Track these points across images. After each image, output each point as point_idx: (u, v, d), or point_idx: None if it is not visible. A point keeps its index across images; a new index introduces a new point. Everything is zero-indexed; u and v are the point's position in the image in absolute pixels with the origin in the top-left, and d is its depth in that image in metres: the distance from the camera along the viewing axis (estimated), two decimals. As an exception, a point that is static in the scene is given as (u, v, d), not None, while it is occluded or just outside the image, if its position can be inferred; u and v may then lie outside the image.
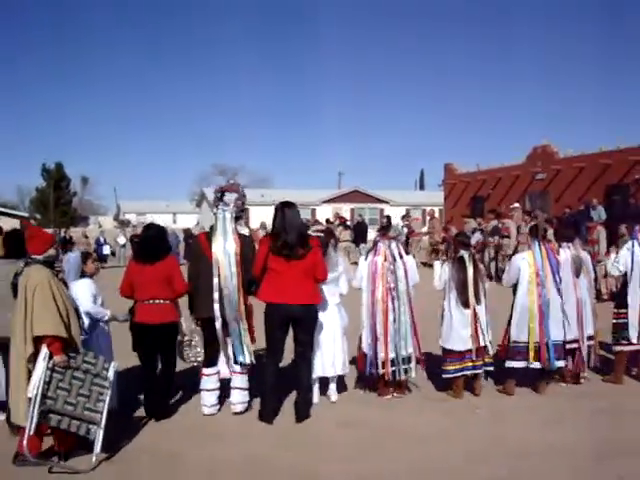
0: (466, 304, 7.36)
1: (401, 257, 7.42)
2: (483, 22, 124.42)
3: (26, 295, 5.42)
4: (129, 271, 6.86)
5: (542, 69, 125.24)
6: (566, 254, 8.00)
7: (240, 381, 6.83)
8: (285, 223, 6.58)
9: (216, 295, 6.50)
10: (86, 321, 6.39)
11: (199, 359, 7.06)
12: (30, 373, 5.41)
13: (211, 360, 6.86)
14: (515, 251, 18.80)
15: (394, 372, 7.32)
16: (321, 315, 7.00)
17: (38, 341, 5.40)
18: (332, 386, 7.37)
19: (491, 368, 7.58)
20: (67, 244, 27.00)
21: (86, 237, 29.21)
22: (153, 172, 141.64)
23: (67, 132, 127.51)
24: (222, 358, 6.86)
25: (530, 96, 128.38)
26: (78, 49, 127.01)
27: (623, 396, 7.56)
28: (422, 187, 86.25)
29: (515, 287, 7.77)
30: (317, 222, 24.97)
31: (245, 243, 6.77)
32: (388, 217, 27.09)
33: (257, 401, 6.98)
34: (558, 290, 7.65)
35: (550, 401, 7.43)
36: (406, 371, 7.36)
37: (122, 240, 30.15)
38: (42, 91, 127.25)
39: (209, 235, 6.74)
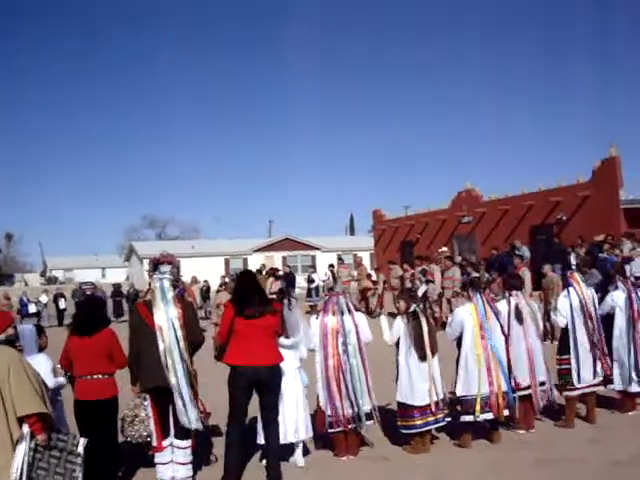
0: (424, 358, 7.41)
1: (350, 312, 7.48)
2: (401, 71, 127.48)
3: None
4: (67, 345, 6.71)
5: (462, 115, 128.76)
6: (514, 303, 8.17)
7: (184, 456, 6.67)
8: (247, 288, 6.88)
9: (163, 360, 6.40)
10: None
11: (144, 434, 6.89)
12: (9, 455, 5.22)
13: (163, 431, 6.67)
14: (441, 295, 19.25)
15: (354, 429, 7.33)
16: (283, 380, 7.00)
17: (20, 422, 5.23)
18: (298, 451, 7.28)
19: (444, 423, 7.59)
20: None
21: (8, 299, 28.37)
22: (80, 226, 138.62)
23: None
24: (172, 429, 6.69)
25: (452, 142, 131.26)
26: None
27: (566, 444, 7.60)
28: (352, 232, 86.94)
29: (459, 340, 7.83)
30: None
31: (187, 307, 6.77)
32: (331, 266, 26.83)
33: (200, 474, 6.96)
34: (505, 340, 7.82)
35: (495, 453, 7.44)
36: (363, 426, 7.36)
37: (44, 299, 29.42)
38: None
39: (148, 304, 6.67)
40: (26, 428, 5.23)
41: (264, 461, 7.18)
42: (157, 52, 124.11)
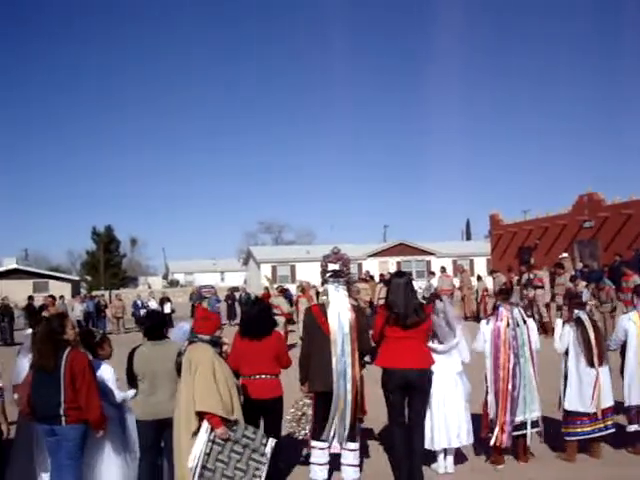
0: (592, 365, 7.32)
1: (525, 322, 7.43)
2: (518, 71, 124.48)
3: (191, 373, 5.72)
4: (235, 347, 6.93)
5: (583, 115, 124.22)
6: None
7: (352, 458, 6.73)
8: (397, 296, 6.74)
9: (334, 365, 6.52)
10: None
11: (309, 433, 7.03)
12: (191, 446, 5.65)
13: (323, 433, 6.75)
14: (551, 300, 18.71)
15: (518, 437, 7.26)
16: (444, 385, 7.02)
17: (200, 416, 5.65)
18: (450, 457, 7.20)
19: (612, 430, 7.45)
20: (101, 310, 27.56)
21: (120, 300, 29.86)
22: (200, 231, 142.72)
23: (115, 195, 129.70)
24: (334, 433, 6.74)
25: (573, 144, 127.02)
26: (119, 115, 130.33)
27: None
28: (469, 237, 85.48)
29: (623, 350, 7.70)
30: (361, 280, 24.79)
31: (359, 314, 6.84)
32: (432, 274, 26.51)
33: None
34: None
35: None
36: (529, 437, 7.30)
37: (153, 304, 30.44)
38: (88, 155, 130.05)
39: (323, 307, 6.80)
40: (206, 421, 5.61)
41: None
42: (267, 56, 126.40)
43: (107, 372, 6.44)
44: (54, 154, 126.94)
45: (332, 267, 6.84)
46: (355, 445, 6.73)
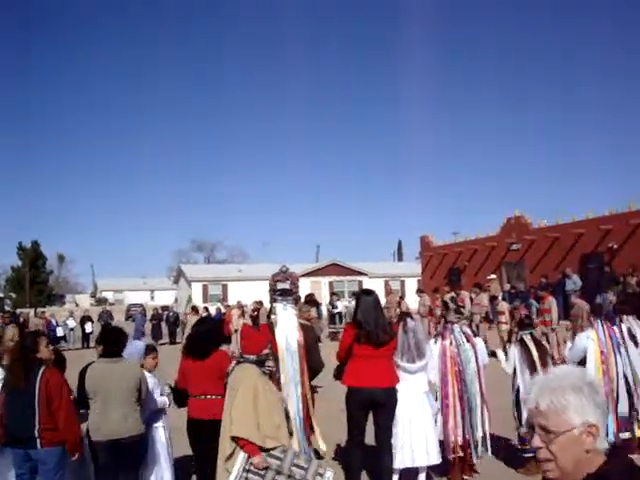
0: None
1: (468, 340, 7.51)
2: (455, 95, 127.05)
3: (231, 395, 5.45)
4: (181, 366, 6.77)
5: (512, 140, 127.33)
6: (626, 327, 8.14)
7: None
8: (367, 313, 6.70)
9: (282, 383, 6.49)
10: None
11: None
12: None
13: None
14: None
15: (464, 454, 7.30)
16: (411, 404, 7.00)
17: (237, 441, 5.31)
18: (422, 476, 7.14)
19: None
20: (23, 327, 26.54)
21: (42, 318, 29.46)
22: (130, 249, 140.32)
23: (43, 210, 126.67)
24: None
25: (501, 168, 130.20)
26: (52, 127, 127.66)
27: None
28: (400, 258, 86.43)
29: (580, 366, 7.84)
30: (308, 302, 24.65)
31: (308, 334, 6.81)
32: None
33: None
34: (623, 366, 7.81)
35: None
36: (479, 452, 7.36)
37: (71, 323, 29.75)
38: (17, 168, 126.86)
39: (271, 326, 6.75)
40: (243, 448, 5.29)
41: None
42: (217, 75, 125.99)
43: None
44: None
45: (281, 286, 6.86)
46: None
